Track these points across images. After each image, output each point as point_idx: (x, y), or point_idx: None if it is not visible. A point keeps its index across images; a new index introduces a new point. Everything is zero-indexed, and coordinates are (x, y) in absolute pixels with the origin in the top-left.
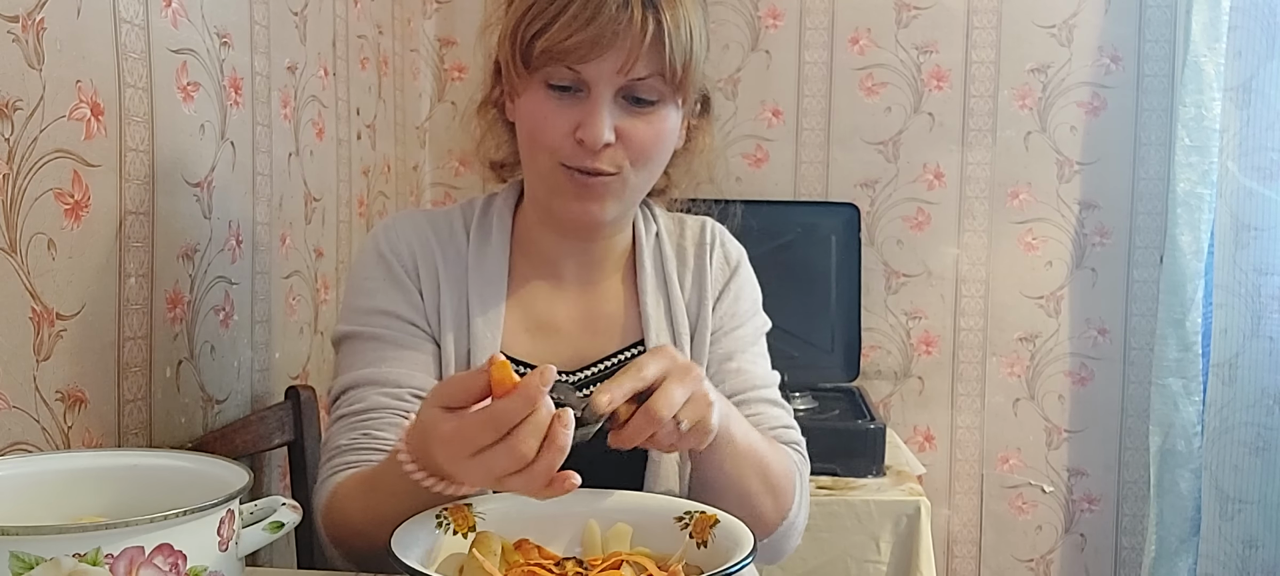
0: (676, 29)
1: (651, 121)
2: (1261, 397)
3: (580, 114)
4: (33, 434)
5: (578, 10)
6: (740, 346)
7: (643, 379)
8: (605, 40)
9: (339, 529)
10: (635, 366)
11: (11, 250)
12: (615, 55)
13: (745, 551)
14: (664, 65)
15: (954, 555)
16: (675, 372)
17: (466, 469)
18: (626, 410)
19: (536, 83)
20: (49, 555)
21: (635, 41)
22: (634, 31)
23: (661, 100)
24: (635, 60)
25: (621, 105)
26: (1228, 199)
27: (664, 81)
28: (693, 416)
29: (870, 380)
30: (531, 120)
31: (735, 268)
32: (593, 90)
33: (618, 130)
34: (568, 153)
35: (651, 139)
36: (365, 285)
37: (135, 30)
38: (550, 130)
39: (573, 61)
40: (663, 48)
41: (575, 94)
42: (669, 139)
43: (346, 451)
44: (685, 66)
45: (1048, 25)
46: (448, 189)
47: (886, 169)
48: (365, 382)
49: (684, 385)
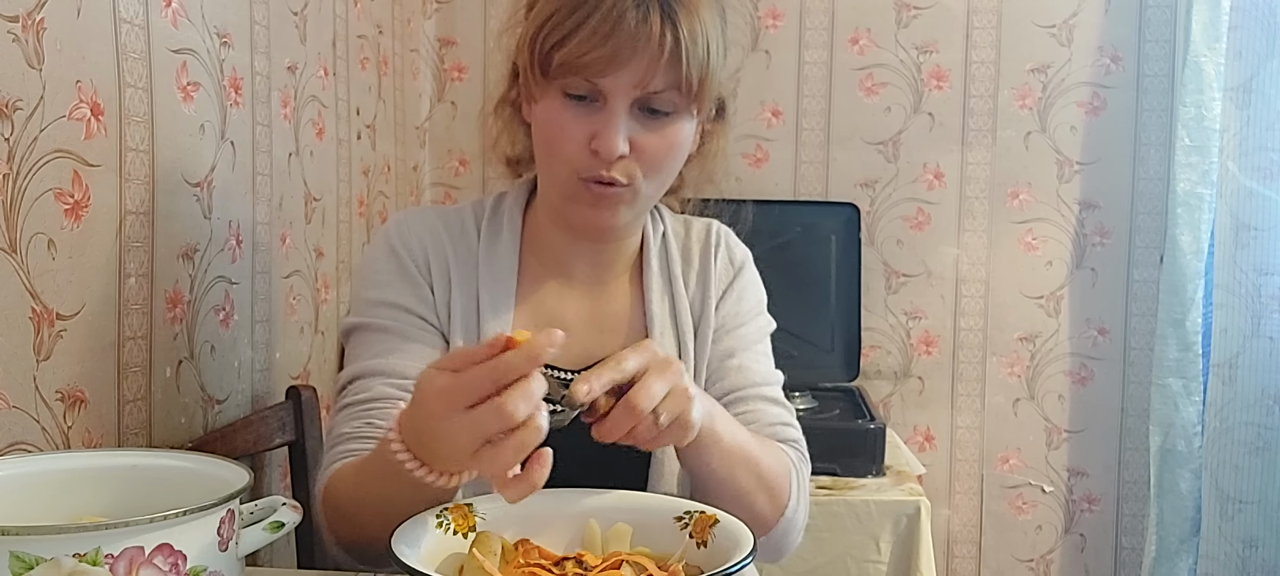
0: (694, 44)
1: (666, 133)
2: (1261, 397)
3: (596, 124)
4: (33, 434)
5: (597, 24)
6: (742, 344)
7: (622, 371)
8: (624, 55)
9: (332, 515)
10: (616, 359)
11: (11, 250)
12: (633, 69)
13: (745, 551)
14: (681, 79)
15: (954, 555)
16: (655, 366)
17: (452, 427)
18: (607, 402)
19: (553, 90)
20: (49, 555)
21: (654, 56)
22: (652, 47)
23: (676, 112)
24: (653, 74)
25: (637, 116)
26: (1228, 199)
27: (680, 94)
28: (672, 411)
29: (870, 380)
30: (547, 128)
31: (739, 268)
32: (609, 101)
33: (632, 141)
34: (582, 163)
35: (665, 151)
36: (375, 278)
37: (135, 30)
38: (566, 140)
39: (591, 74)
40: (680, 62)
41: (591, 103)
42: (682, 149)
43: (349, 439)
44: (702, 80)
45: (1048, 25)
46: (448, 189)
47: (886, 169)
48: (371, 373)
49: (664, 379)
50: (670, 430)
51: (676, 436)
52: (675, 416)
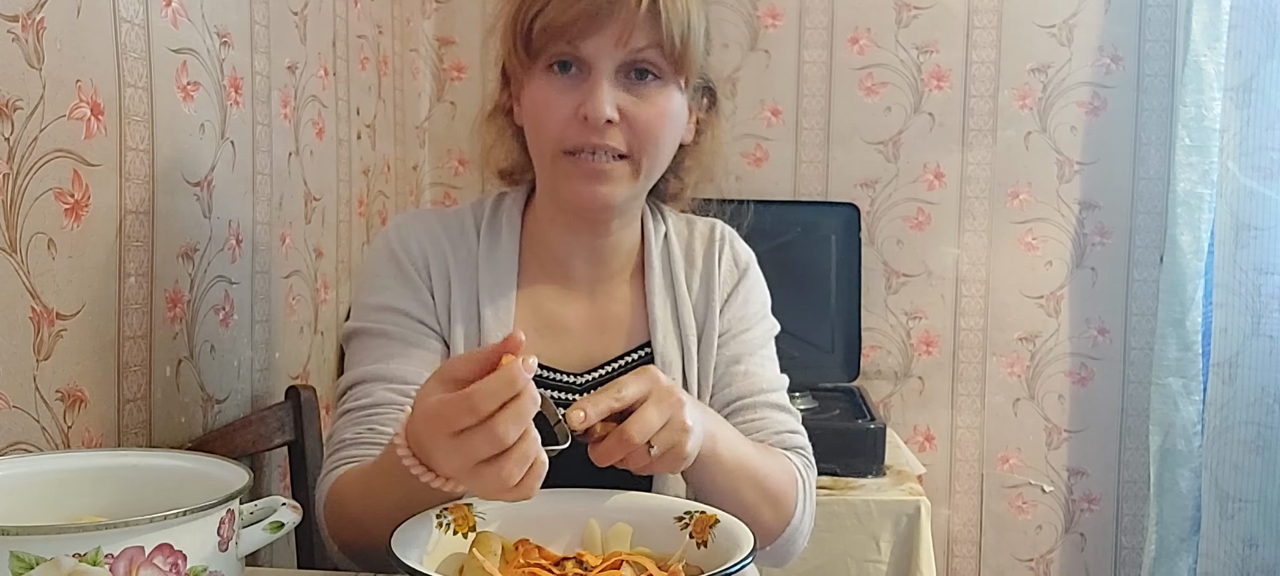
0: (672, 2)
1: (654, 100)
2: (1261, 397)
3: (583, 94)
4: (33, 434)
5: None
6: (748, 349)
7: (621, 399)
8: (603, 13)
9: (338, 522)
10: (616, 385)
11: (11, 250)
12: (612, 28)
13: (745, 551)
14: (661, 36)
15: (954, 555)
16: (655, 396)
17: (446, 451)
18: (604, 427)
19: (539, 70)
20: (49, 555)
21: (630, 13)
22: (629, 4)
23: (663, 77)
24: (632, 31)
25: (623, 83)
26: (1228, 199)
27: (663, 54)
28: (666, 443)
29: (870, 380)
30: (536, 108)
31: (744, 270)
32: (594, 68)
33: (621, 110)
34: (573, 136)
35: (655, 118)
36: (376, 282)
37: (135, 30)
38: (555, 113)
39: (572, 37)
40: (659, 18)
41: (577, 76)
42: (673, 122)
43: (350, 445)
44: (683, 40)
45: (1048, 25)
46: (447, 189)
47: (886, 169)
48: (372, 378)
49: (661, 410)
50: (664, 460)
51: (670, 466)
52: (668, 448)
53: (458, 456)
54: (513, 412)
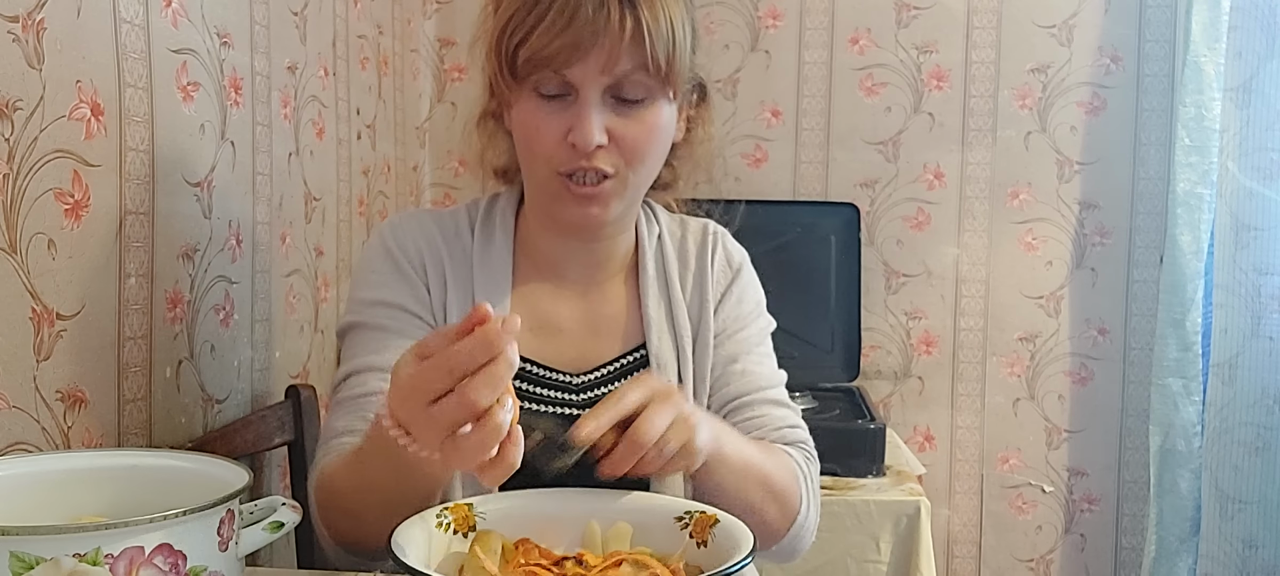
0: (656, 23)
1: (643, 119)
2: (1261, 397)
3: (570, 118)
4: (33, 434)
5: (555, 16)
6: (744, 348)
7: (624, 407)
8: (586, 42)
9: (330, 512)
10: (616, 396)
11: (11, 250)
12: (597, 56)
13: (745, 551)
14: (647, 59)
15: (954, 555)
16: (656, 399)
17: (423, 422)
18: (610, 438)
19: (526, 92)
20: (49, 555)
21: (615, 39)
22: (613, 30)
23: (650, 96)
24: (617, 58)
25: (611, 106)
26: (1228, 199)
27: (649, 75)
28: (678, 439)
29: (870, 380)
30: (525, 130)
31: (737, 270)
32: (581, 93)
33: (609, 131)
34: (562, 159)
35: (644, 137)
36: (370, 277)
37: (135, 30)
38: (543, 138)
39: (557, 66)
40: (643, 42)
41: (565, 99)
42: (662, 134)
43: (342, 434)
44: (669, 59)
45: (1048, 25)
46: (447, 189)
47: (886, 169)
48: (366, 369)
49: (665, 410)
50: (677, 458)
51: (683, 464)
52: (681, 445)
53: (434, 426)
54: (486, 376)
